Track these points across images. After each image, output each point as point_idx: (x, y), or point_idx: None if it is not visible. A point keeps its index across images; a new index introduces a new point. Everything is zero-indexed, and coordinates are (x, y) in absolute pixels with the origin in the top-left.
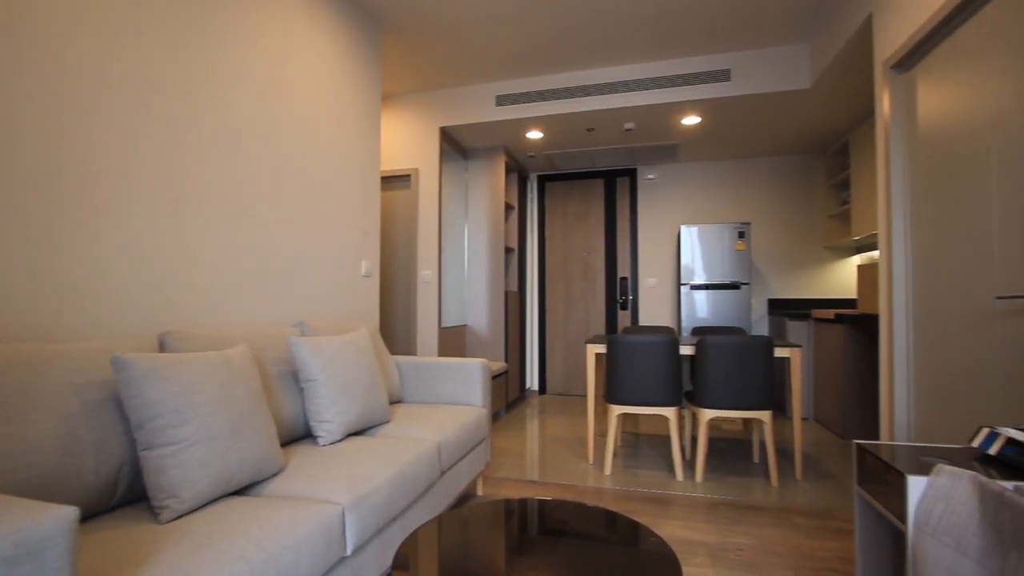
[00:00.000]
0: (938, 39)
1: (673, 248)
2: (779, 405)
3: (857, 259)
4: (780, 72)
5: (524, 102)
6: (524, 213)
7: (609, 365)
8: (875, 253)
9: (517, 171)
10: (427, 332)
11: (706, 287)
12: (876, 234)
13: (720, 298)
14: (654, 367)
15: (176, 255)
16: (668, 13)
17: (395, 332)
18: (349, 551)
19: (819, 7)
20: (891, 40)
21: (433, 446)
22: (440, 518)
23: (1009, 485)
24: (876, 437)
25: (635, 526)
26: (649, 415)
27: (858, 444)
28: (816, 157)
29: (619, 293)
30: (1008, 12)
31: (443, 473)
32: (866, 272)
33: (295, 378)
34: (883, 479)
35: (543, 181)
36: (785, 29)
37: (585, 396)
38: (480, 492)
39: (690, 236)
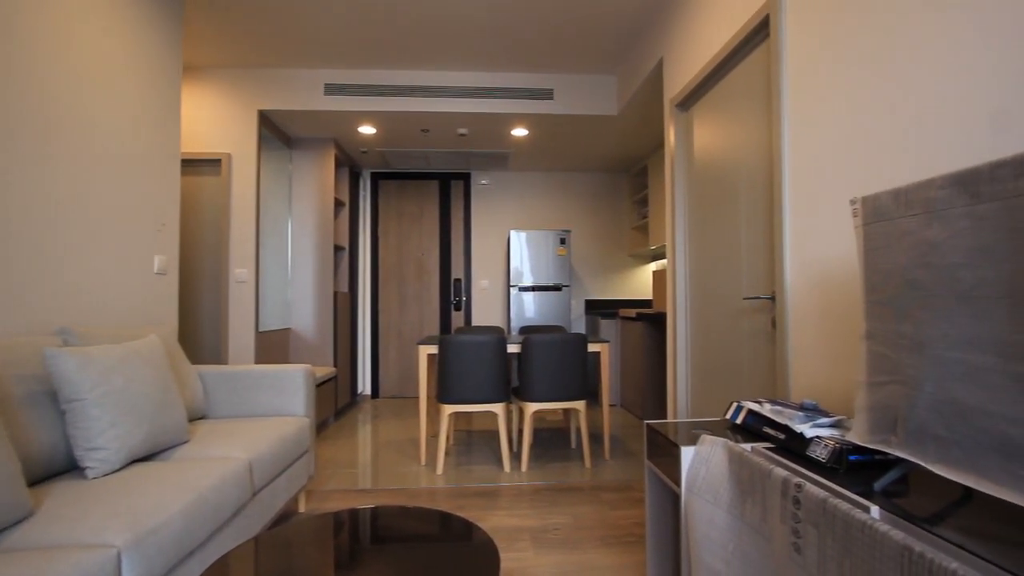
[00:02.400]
0: (707, 88)
1: (504, 251)
2: (592, 395)
3: (653, 265)
4: (594, 98)
5: (356, 94)
6: (356, 210)
7: (441, 365)
8: (665, 260)
9: (349, 166)
10: (242, 338)
11: (533, 289)
12: (666, 245)
13: (545, 299)
14: (484, 366)
15: None
16: (499, 31)
17: (201, 338)
18: None
19: (624, 45)
20: (676, 82)
21: (243, 465)
22: (256, 539)
23: (747, 447)
24: (666, 417)
25: (460, 522)
26: (480, 412)
27: (648, 424)
28: (623, 176)
29: (453, 294)
30: (748, 76)
31: (256, 493)
32: (659, 276)
33: (54, 399)
34: (666, 452)
35: (377, 178)
36: (597, 60)
37: (419, 398)
38: (303, 509)
39: (519, 241)
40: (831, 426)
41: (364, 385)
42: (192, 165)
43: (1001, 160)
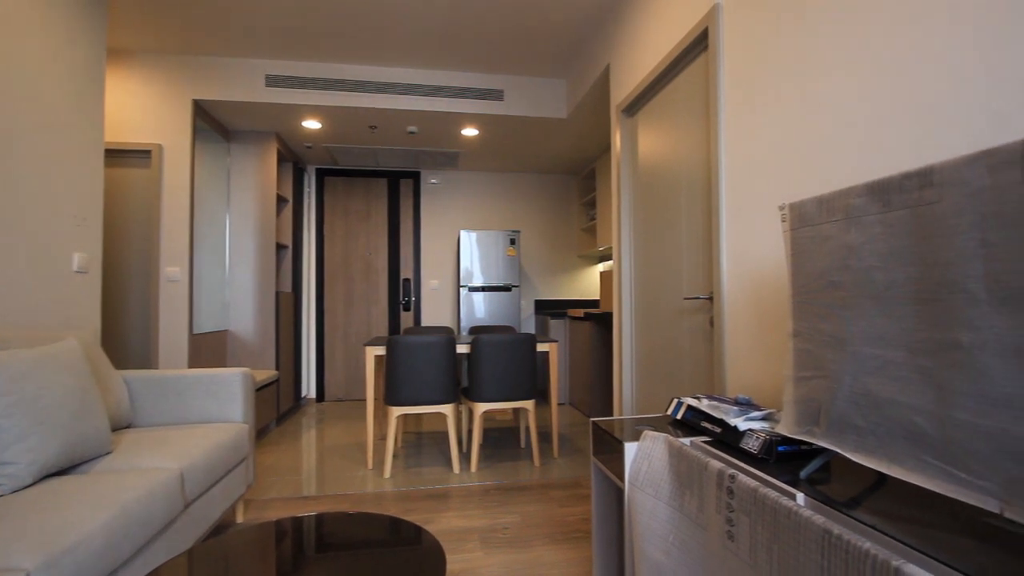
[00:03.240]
0: (651, 95)
1: (454, 251)
2: (542, 394)
3: (601, 266)
4: (544, 100)
5: (300, 87)
6: (300, 207)
7: (388, 367)
8: (612, 262)
9: (292, 161)
10: (174, 341)
11: (483, 289)
12: (612, 246)
13: (495, 299)
14: (432, 366)
15: None
16: (450, 30)
17: (129, 342)
18: None
19: (573, 50)
20: (622, 88)
21: (174, 475)
22: (190, 553)
23: (686, 441)
24: (613, 414)
25: (406, 526)
26: (430, 414)
27: (594, 422)
28: (572, 178)
29: (402, 294)
30: (689, 85)
31: (189, 505)
32: (606, 277)
33: None
34: (611, 449)
35: (323, 175)
36: (547, 64)
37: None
38: (241, 519)
39: (469, 241)
40: (762, 419)
41: (309, 388)
42: (119, 156)
43: (908, 172)
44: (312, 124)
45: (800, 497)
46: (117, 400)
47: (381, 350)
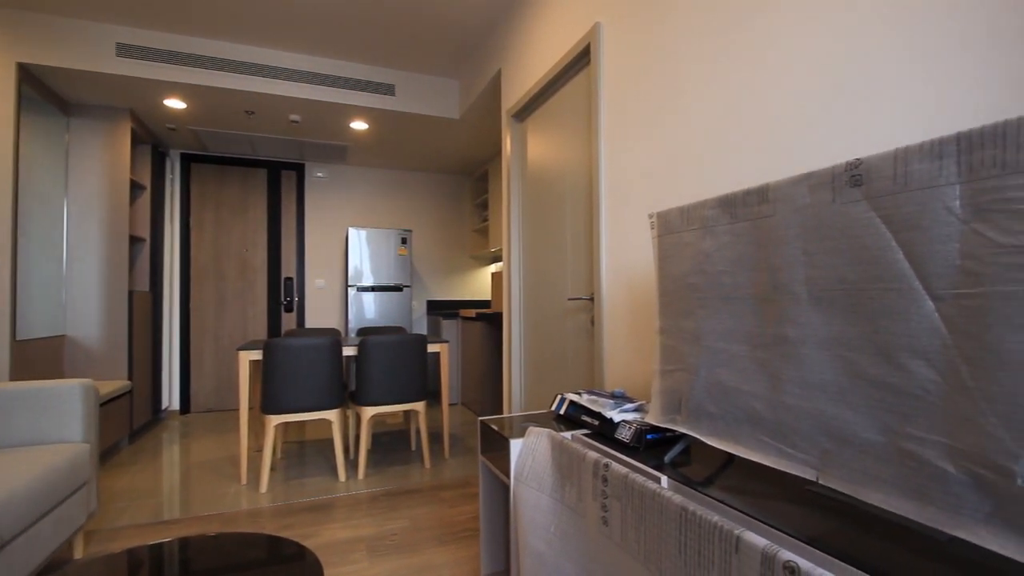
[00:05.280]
0: (540, 102)
1: (342, 250)
2: (433, 395)
3: (493, 267)
4: (436, 99)
5: (160, 61)
6: (161, 196)
7: (266, 372)
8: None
9: (152, 144)
10: None
11: (373, 289)
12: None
13: (385, 299)
14: (315, 370)
15: None
16: (339, 16)
17: None
18: None
19: (467, 52)
20: (513, 93)
21: None
22: None
23: (568, 435)
24: (503, 413)
25: (282, 543)
26: (314, 421)
27: (482, 420)
28: (465, 179)
29: (283, 294)
30: (574, 96)
31: (5, 545)
32: (498, 278)
33: None
34: (498, 446)
35: (189, 161)
36: (441, 62)
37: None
38: (79, 554)
39: (358, 239)
40: (635, 410)
41: (171, 399)
42: None
43: (750, 189)
44: (176, 103)
45: (664, 480)
46: None
47: (258, 354)
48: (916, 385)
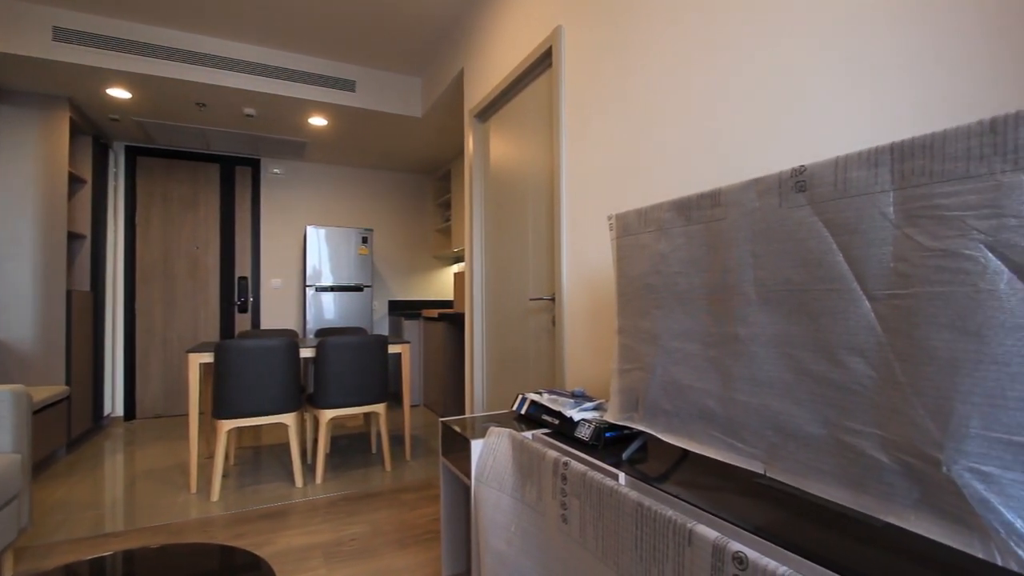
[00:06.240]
0: (502, 103)
1: (300, 249)
2: (395, 396)
3: (455, 267)
4: (398, 96)
5: (102, 47)
6: (103, 191)
7: (218, 375)
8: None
9: (93, 135)
10: None
11: (332, 289)
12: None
13: (346, 300)
14: (270, 373)
15: None
16: (293, 7)
17: None
18: None
19: (429, 50)
20: (475, 94)
21: None
22: None
23: (528, 434)
24: (465, 413)
25: (232, 553)
26: (270, 425)
27: (443, 421)
28: (427, 178)
29: (237, 295)
30: (536, 98)
31: None
32: (460, 278)
33: None
34: (459, 447)
35: (134, 154)
36: (403, 60)
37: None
38: (8, 574)
39: (317, 237)
40: (594, 409)
41: (114, 405)
42: None
43: (704, 192)
44: (119, 93)
45: (622, 477)
46: None
47: (208, 357)
48: (854, 380)
